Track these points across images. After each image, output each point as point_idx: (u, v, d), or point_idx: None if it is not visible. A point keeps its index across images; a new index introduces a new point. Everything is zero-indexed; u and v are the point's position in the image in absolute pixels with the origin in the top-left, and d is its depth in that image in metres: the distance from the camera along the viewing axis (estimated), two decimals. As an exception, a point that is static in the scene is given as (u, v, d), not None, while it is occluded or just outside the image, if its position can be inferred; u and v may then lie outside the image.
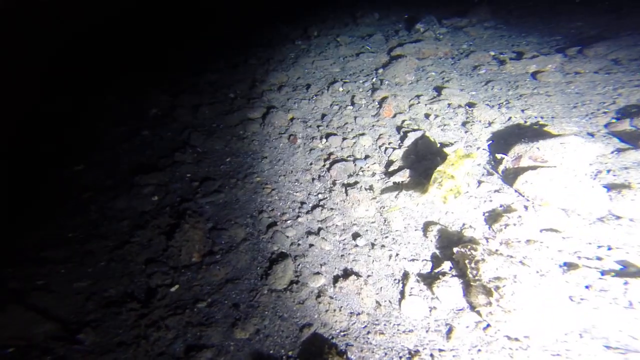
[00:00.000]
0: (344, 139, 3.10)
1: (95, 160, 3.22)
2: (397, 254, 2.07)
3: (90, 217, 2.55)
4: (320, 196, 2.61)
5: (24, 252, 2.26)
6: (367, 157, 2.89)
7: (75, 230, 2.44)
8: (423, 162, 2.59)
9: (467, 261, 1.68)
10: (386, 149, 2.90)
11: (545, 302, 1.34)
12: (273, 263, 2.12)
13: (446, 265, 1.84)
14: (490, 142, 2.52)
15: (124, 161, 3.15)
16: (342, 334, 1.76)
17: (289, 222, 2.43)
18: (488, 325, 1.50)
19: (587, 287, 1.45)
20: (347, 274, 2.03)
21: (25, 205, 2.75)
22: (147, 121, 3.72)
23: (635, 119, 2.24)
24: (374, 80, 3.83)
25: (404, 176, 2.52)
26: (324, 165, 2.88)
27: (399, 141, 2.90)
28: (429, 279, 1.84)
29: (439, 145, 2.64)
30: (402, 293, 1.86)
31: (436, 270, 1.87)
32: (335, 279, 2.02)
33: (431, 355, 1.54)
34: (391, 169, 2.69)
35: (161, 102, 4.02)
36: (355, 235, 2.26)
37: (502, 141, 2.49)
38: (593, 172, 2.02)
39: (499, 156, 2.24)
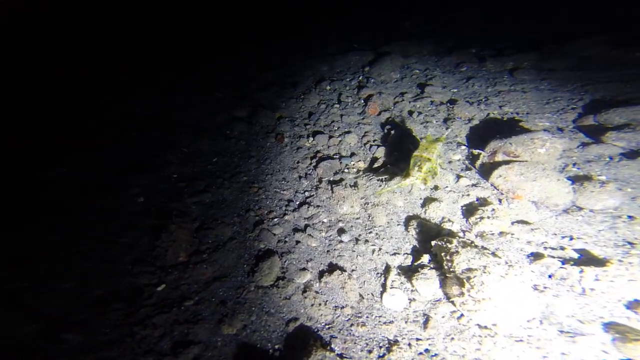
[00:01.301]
0: (330, 137, 3.15)
1: (83, 161, 3.20)
2: (380, 249, 2.13)
3: (77, 219, 2.55)
4: (306, 194, 2.66)
5: (10, 253, 2.26)
6: (352, 154, 2.94)
7: (62, 232, 2.45)
8: (408, 159, 2.66)
9: (443, 254, 1.75)
10: (371, 146, 2.96)
11: (512, 291, 1.42)
12: (260, 260, 2.17)
13: (425, 258, 1.91)
14: (469, 138, 2.60)
15: (112, 162, 3.15)
16: (327, 326, 1.82)
17: (275, 220, 2.48)
18: (461, 315, 1.58)
19: (550, 276, 1.53)
20: (332, 269, 2.09)
21: (10, 207, 2.73)
22: (136, 122, 3.70)
23: (598, 114, 2.34)
24: (360, 78, 3.87)
25: (387, 172, 2.59)
26: (310, 164, 2.92)
27: (384, 138, 2.96)
28: (409, 272, 1.91)
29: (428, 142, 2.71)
30: (383, 286, 1.92)
31: (416, 263, 1.94)
32: (321, 274, 2.07)
33: (409, 344, 1.61)
34: (375, 165, 2.76)
35: (150, 102, 4.01)
36: (341, 231, 2.32)
37: (480, 137, 2.57)
38: (561, 165, 2.11)
39: (476, 152, 2.32)
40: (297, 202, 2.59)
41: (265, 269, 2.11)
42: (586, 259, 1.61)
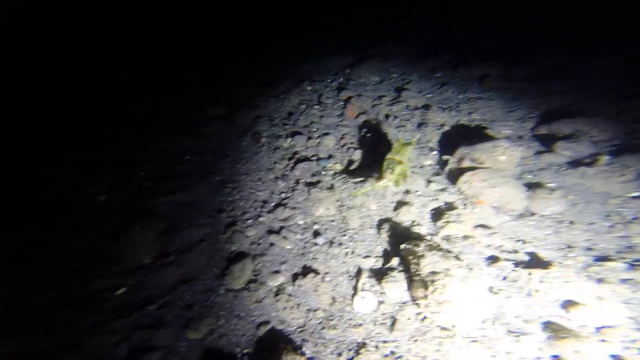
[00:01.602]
0: (309, 138, 3.14)
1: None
2: (352, 251, 2.16)
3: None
4: (282, 195, 2.64)
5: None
6: (330, 156, 2.95)
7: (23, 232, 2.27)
8: (382, 162, 2.71)
9: (410, 257, 1.81)
10: (348, 148, 2.99)
11: (470, 293, 1.50)
12: (231, 263, 2.13)
13: (395, 261, 1.96)
14: (441, 143, 2.70)
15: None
16: (299, 330, 1.82)
17: (249, 221, 2.44)
18: (425, 317, 1.64)
19: (504, 278, 1.64)
20: (306, 271, 2.09)
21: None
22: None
23: (550, 124, 2.53)
24: (341, 79, 3.88)
25: (362, 175, 2.63)
26: (288, 165, 2.90)
27: (361, 141, 3.00)
28: (380, 275, 1.95)
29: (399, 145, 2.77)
30: (355, 289, 1.95)
31: (386, 266, 1.99)
32: (295, 277, 2.07)
33: (376, 346, 1.65)
34: (352, 168, 2.79)
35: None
36: (316, 234, 2.32)
37: (451, 143, 2.66)
38: (518, 173, 2.25)
39: (445, 157, 2.41)
40: (273, 204, 2.56)
41: (237, 271, 2.07)
42: (534, 262, 1.73)
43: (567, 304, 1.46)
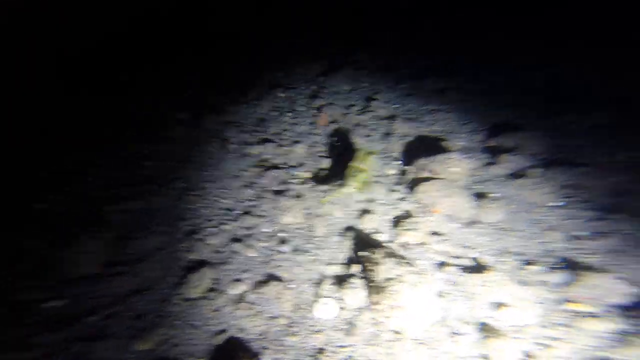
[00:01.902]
0: (279, 145, 3.15)
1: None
2: (317, 259, 2.18)
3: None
4: (249, 203, 2.61)
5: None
6: (300, 164, 2.97)
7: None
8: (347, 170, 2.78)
9: (368, 264, 1.87)
10: (319, 156, 3.03)
11: (420, 298, 1.58)
12: (189, 271, 2.07)
13: (355, 268, 2.01)
14: (404, 153, 2.84)
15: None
16: (259, 337, 1.80)
17: (212, 229, 2.38)
18: (379, 322, 1.69)
19: (451, 283, 1.75)
20: (269, 279, 2.08)
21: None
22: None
23: (497, 137, 2.77)
24: (314, 87, 3.95)
25: (329, 183, 2.68)
26: (256, 172, 2.87)
27: (330, 150, 3.06)
28: (341, 282, 1.99)
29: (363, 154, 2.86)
30: (317, 295, 1.97)
31: (347, 273, 2.03)
32: (257, 285, 2.04)
33: (334, 352, 1.68)
34: (320, 175, 2.83)
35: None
36: (281, 242, 2.32)
37: (413, 153, 2.80)
38: (468, 183, 2.41)
39: (406, 167, 2.54)
40: (238, 212, 2.53)
41: (195, 280, 2.01)
42: (478, 267, 1.86)
43: (500, 306, 1.59)
